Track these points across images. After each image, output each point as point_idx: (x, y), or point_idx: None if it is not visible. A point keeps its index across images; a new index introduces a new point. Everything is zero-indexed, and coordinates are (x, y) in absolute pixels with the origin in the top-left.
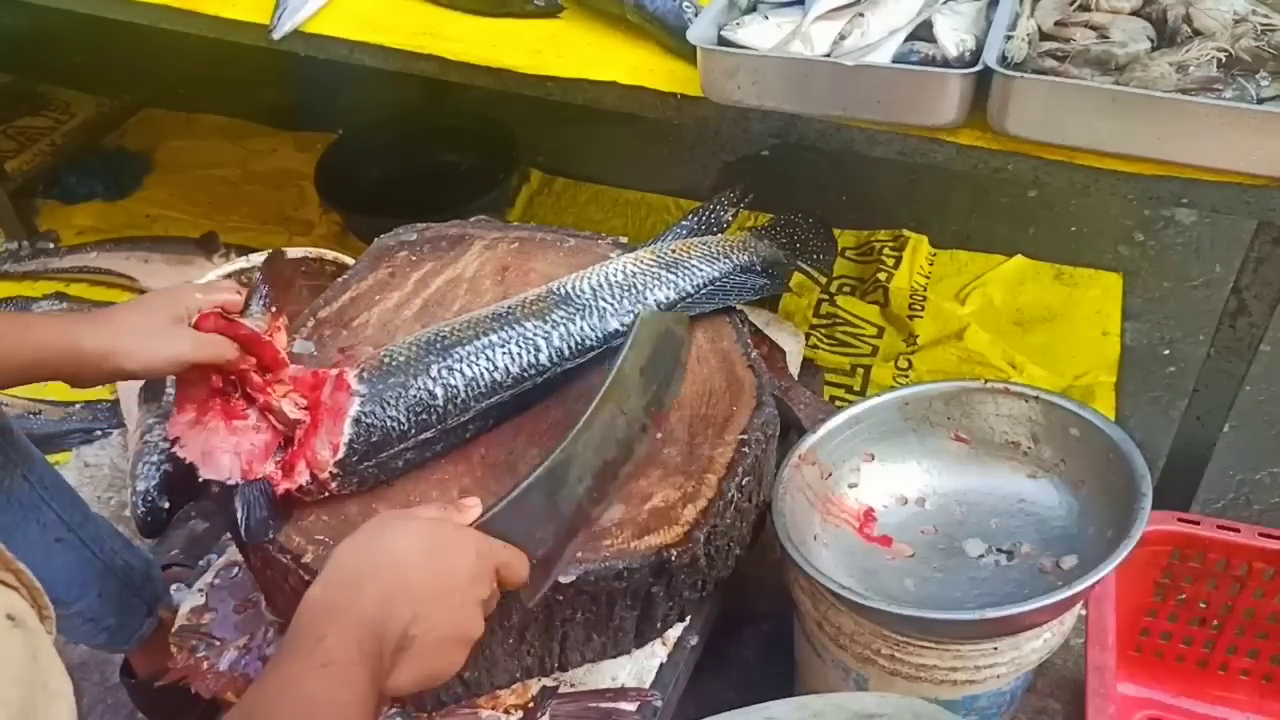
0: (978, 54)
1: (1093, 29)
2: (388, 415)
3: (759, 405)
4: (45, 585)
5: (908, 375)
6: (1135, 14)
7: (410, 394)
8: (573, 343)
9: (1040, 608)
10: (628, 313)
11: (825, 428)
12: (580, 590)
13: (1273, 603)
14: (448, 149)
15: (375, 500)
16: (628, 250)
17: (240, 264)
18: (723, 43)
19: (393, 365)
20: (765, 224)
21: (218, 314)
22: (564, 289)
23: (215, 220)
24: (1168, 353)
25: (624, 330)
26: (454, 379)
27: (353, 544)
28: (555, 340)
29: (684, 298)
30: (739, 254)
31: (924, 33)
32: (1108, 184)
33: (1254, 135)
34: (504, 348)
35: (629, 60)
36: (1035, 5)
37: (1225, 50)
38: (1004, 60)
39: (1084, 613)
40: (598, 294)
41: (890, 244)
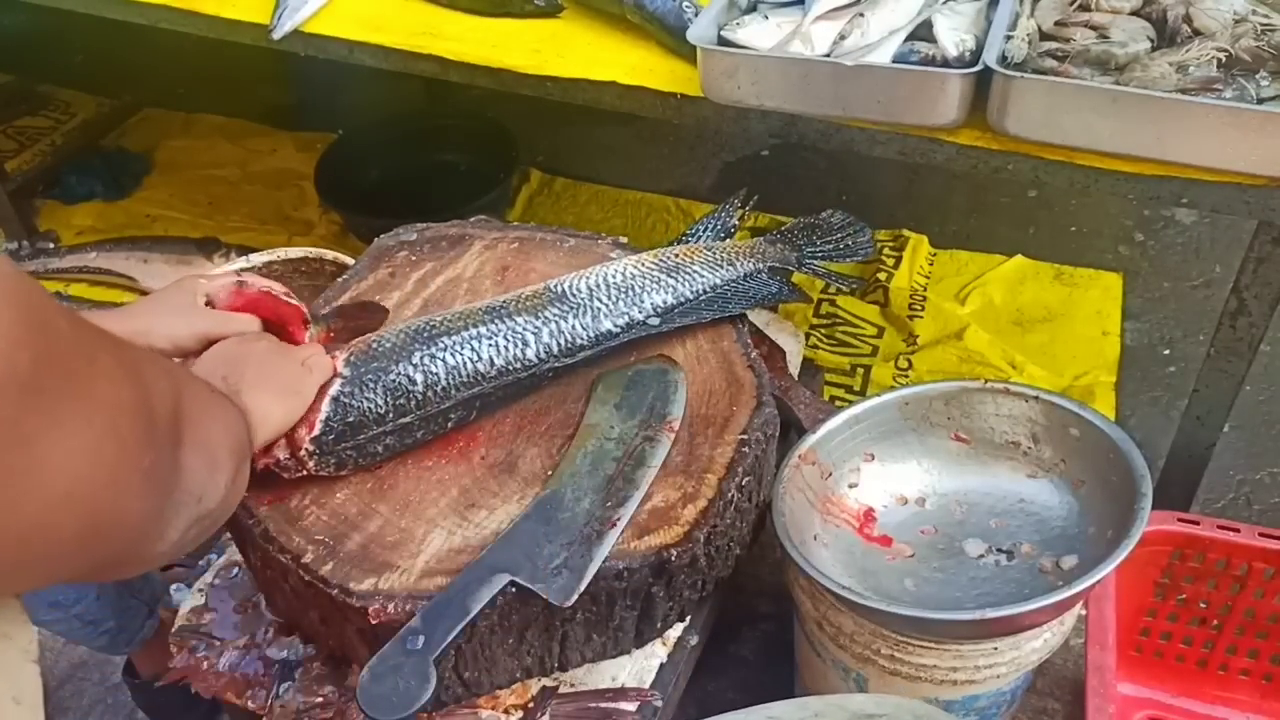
0: (978, 54)
1: (1093, 29)
2: (365, 397)
3: (759, 405)
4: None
5: (908, 375)
6: (1135, 14)
7: (389, 378)
8: (563, 340)
9: (1040, 608)
10: (622, 314)
11: (825, 428)
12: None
13: (1273, 603)
14: (447, 149)
15: (376, 501)
16: (628, 250)
17: (240, 264)
18: (723, 43)
19: (379, 350)
20: (783, 228)
21: (234, 288)
22: (561, 287)
23: (215, 220)
24: (1168, 353)
25: (617, 332)
26: (435, 366)
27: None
28: (545, 337)
29: (682, 303)
30: (744, 261)
31: (924, 33)
32: (1108, 184)
33: (1254, 135)
34: (491, 340)
35: (629, 60)
36: (1035, 5)
37: (1225, 50)
38: (1004, 60)
39: (1084, 613)
40: (594, 294)
41: (890, 244)
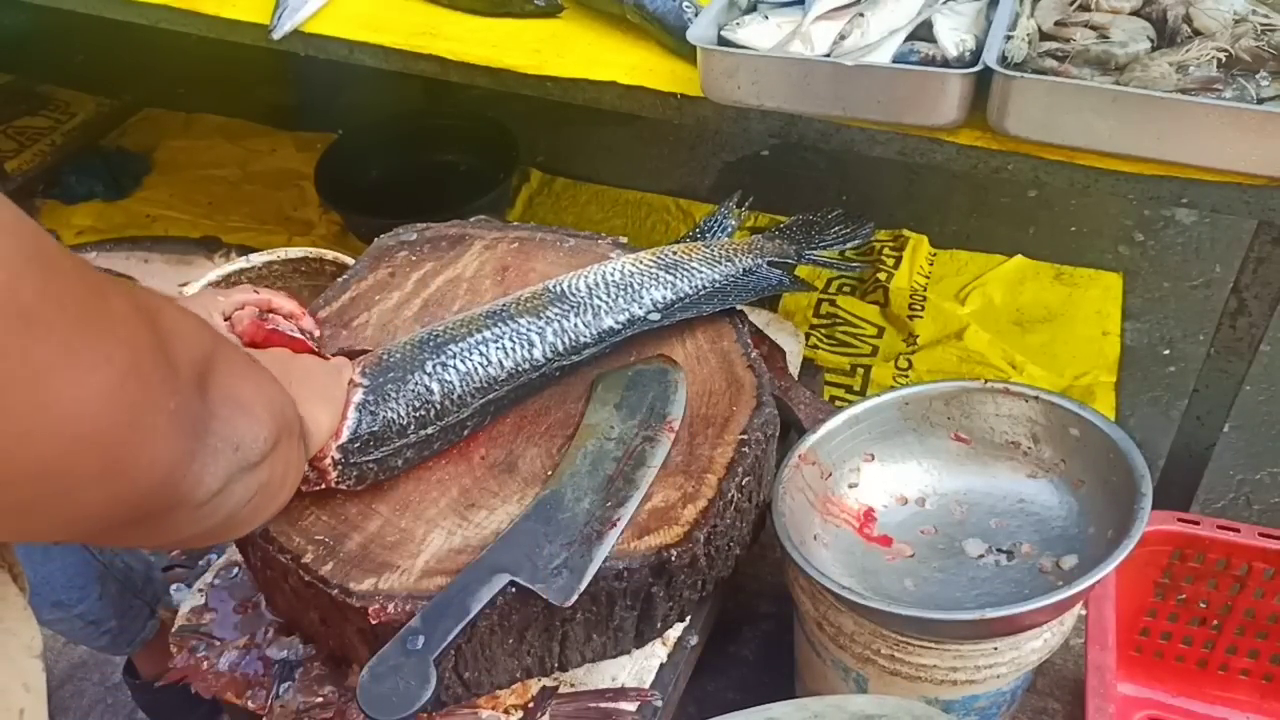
0: (977, 54)
1: (1093, 29)
2: (388, 407)
3: (759, 405)
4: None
5: (907, 375)
6: (1135, 14)
7: (408, 388)
8: (567, 339)
9: (1040, 608)
10: (623, 310)
11: (825, 428)
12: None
13: (1272, 603)
14: (447, 149)
15: (376, 501)
16: (628, 250)
17: (240, 264)
18: (723, 43)
19: (390, 362)
20: (781, 225)
21: (258, 322)
22: (560, 287)
23: (215, 220)
24: (1168, 353)
25: (619, 329)
26: (449, 374)
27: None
28: (549, 336)
29: (682, 299)
30: (744, 257)
31: (924, 33)
32: (1108, 184)
33: (1254, 135)
34: (498, 343)
35: (629, 60)
36: (1035, 5)
37: (1225, 50)
38: (1004, 60)
39: (1084, 613)
40: (593, 292)
41: (890, 244)
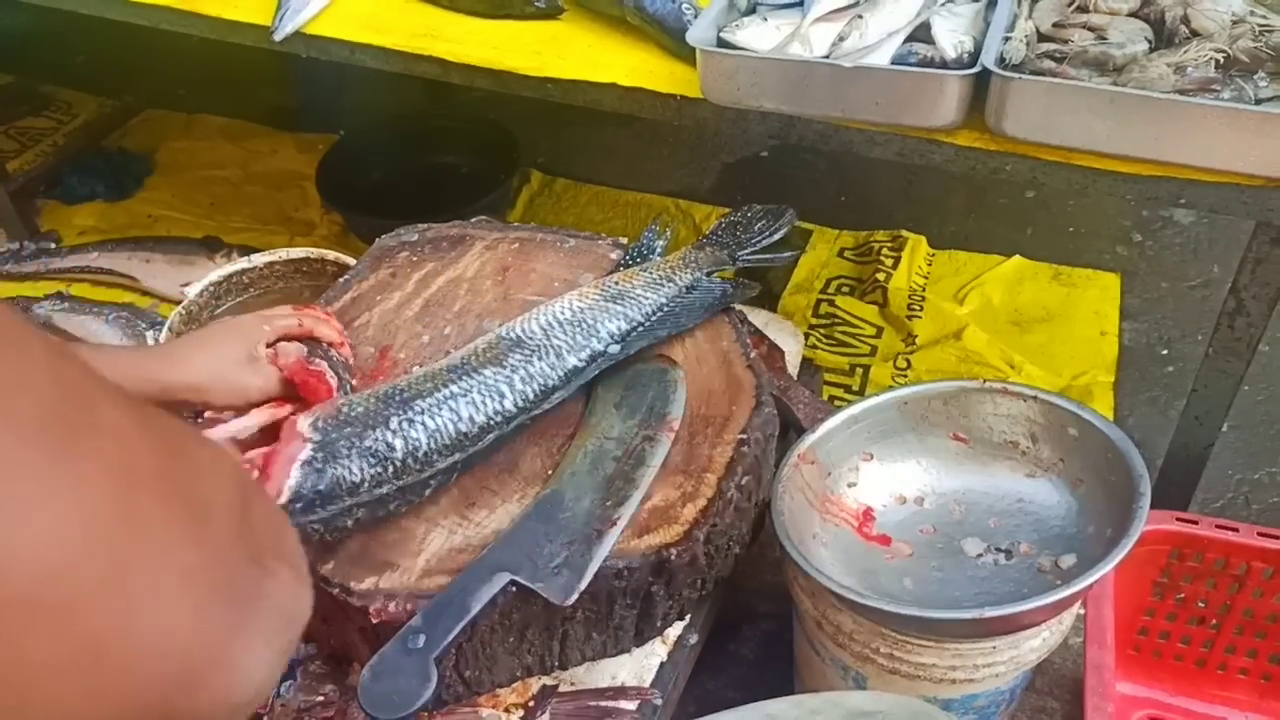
0: (976, 55)
1: (1090, 30)
2: (339, 464)
3: (758, 405)
4: None
5: (906, 375)
6: (1133, 15)
7: (365, 443)
8: (535, 385)
9: (1039, 607)
10: (583, 347)
11: (824, 427)
12: None
13: (1272, 602)
14: (448, 150)
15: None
16: (628, 250)
17: (242, 264)
18: (722, 44)
19: (350, 415)
20: (707, 234)
21: (303, 362)
22: (514, 333)
23: (216, 221)
24: (1166, 353)
25: (583, 366)
26: (415, 431)
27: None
28: (518, 384)
29: (635, 327)
30: (682, 273)
31: (922, 34)
32: (1106, 184)
33: (1252, 136)
34: (466, 397)
35: (629, 62)
36: (1033, 7)
37: (1223, 51)
38: (1002, 61)
39: (1083, 612)
40: (549, 334)
41: (889, 244)
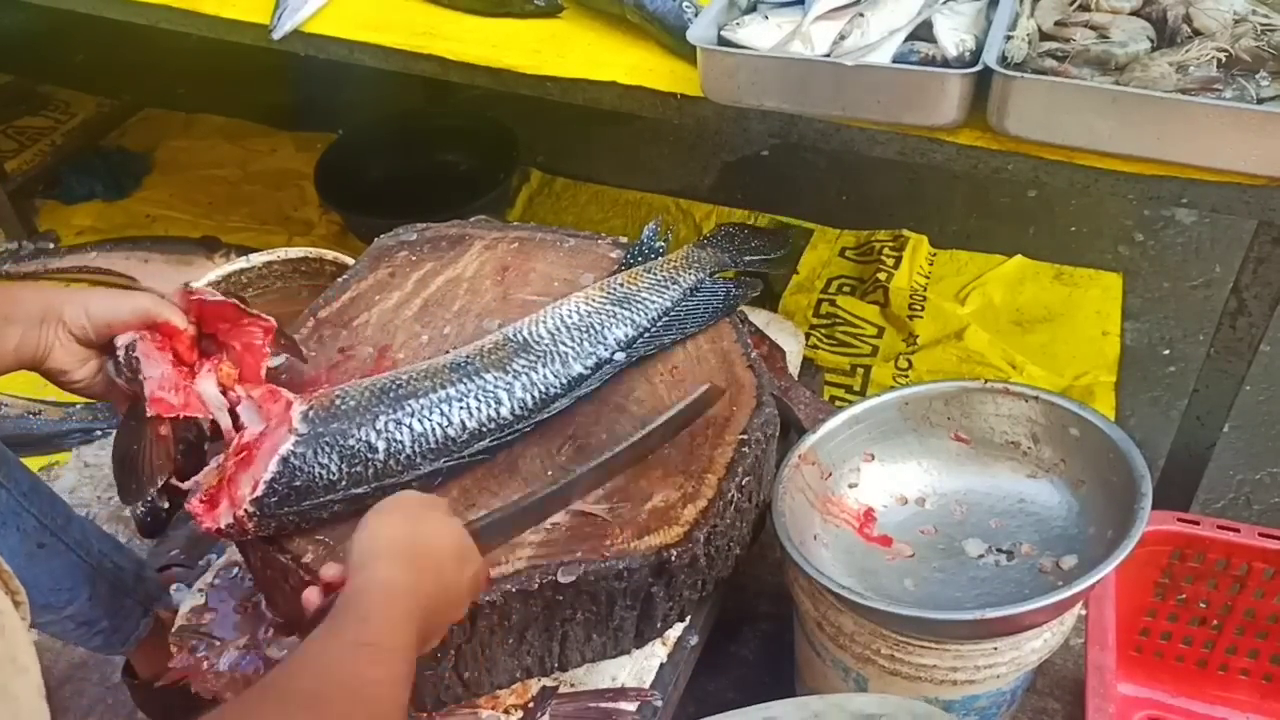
0: (977, 54)
1: (1093, 29)
2: (318, 461)
3: (759, 405)
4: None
5: (907, 375)
6: (1135, 14)
7: (348, 443)
8: (536, 393)
9: (1040, 608)
10: (589, 354)
11: (825, 428)
12: (580, 590)
13: (1272, 603)
14: (447, 149)
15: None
16: (626, 250)
17: (240, 264)
18: (723, 43)
19: (341, 409)
20: (707, 236)
21: (183, 291)
22: (521, 335)
23: (215, 220)
24: (1167, 353)
25: (587, 374)
26: (400, 434)
27: (393, 526)
28: (518, 391)
29: (642, 333)
30: (685, 274)
31: (924, 33)
32: (1108, 184)
33: (1254, 135)
34: (461, 402)
35: (629, 60)
36: (1035, 5)
37: (1225, 50)
38: (1004, 60)
39: (1084, 613)
40: (556, 338)
41: (890, 244)
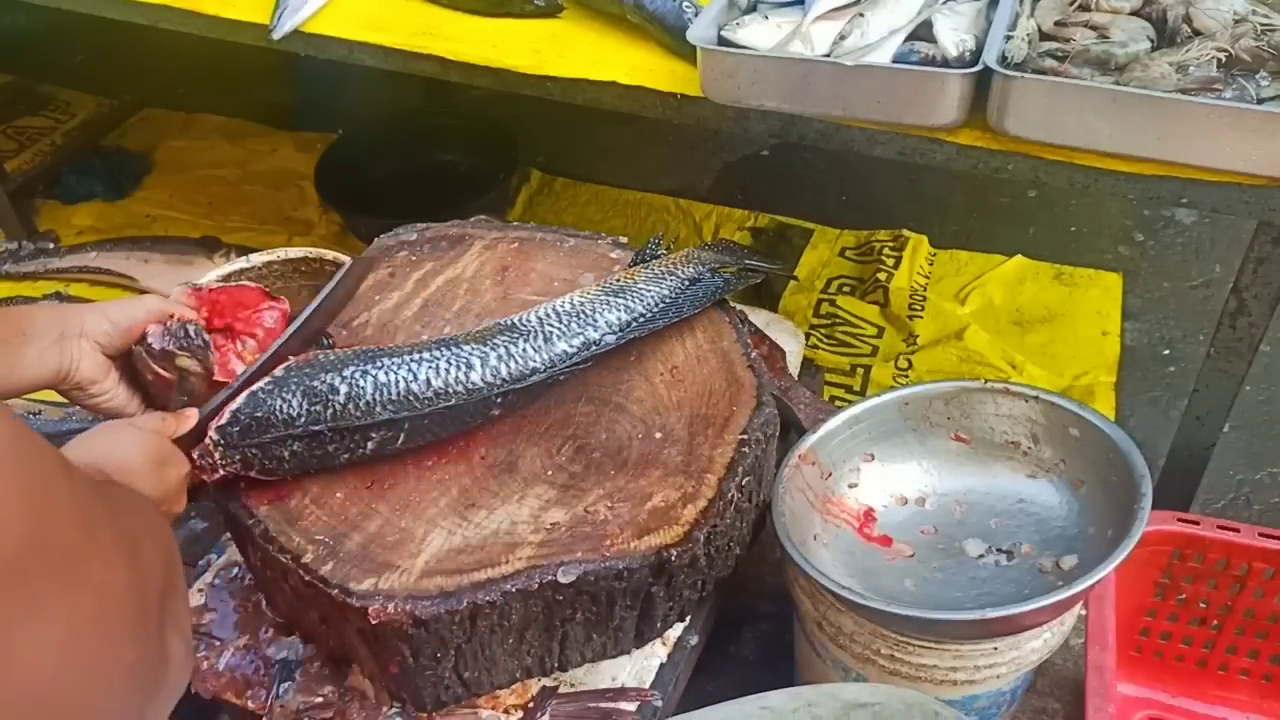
0: (977, 54)
1: (1093, 29)
2: (281, 396)
3: (759, 405)
4: None
5: (907, 375)
6: (1135, 14)
7: (313, 384)
8: (514, 365)
9: (1040, 608)
10: (576, 335)
11: (825, 428)
12: (580, 590)
13: (1272, 603)
14: (447, 149)
15: (376, 501)
16: (628, 250)
17: (240, 264)
18: (723, 43)
19: (318, 362)
20: (706, 244)
21: (190, 289)
22: (510, 320)
23: (215, 220)
24: (1167, 353)
25: (573, 352)
26: (363, 381)
27: (86, 447)
28: (493, 360)
29: (636, 318)
30: (684, 267)
31: (924, 33)
32: (1108, 184)
33: (1254, 135)
34: (432, 363)
35: (629, 60)
36: (1035, 5)
37: (1225, 50)
38: (1004, 60)
39: (1084, 613)
40: (544, 321)
41: (890, 244)
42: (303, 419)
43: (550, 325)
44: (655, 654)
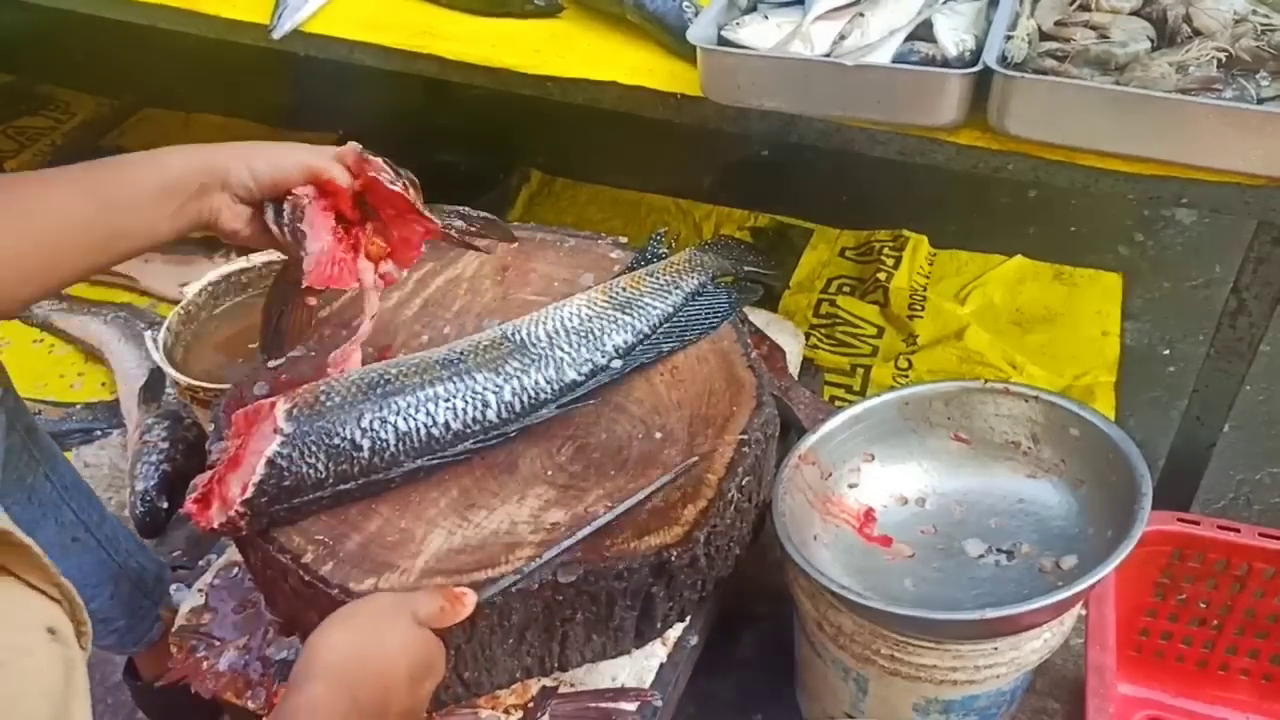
0: (978, 54)
1: (1093, 29)
2: (305, 461)
3: (759, 405)
4: None
5: (907, 375)
6: (1135, 14)
7: (333, 442)
8: (526, 397)
9: (1040, 608)
10: (585, 361)
11: (825, 428)
12: (580, 590)
13: (1272, 603)
14: (447, 149)
15: (376, 501)
16: (628, 250)
17: (240, 264)
18: (723, 43)
19: (326, 405)
20: (708, 242)
21: (357, 153)
22: (519, 335)
23: None
24: (1167, 353)
25: (581, 380)
26: (385, 432)
27: (340, 645)
28: (507, 395)
29: (641, 340)
30: (688, 277)
31: (924, 32)
32: (1108, 184)
33: (1254, 135)
34: (448, 401)
35: (629, 60)
36: (1035, 5)
37: (1225, 50)
38: (1004, 60)
39: (1084, 613)
40: (554, 341)
41: (890, 244)
42: (331, 480)
43: (560, 348)
44: (655, 654)
